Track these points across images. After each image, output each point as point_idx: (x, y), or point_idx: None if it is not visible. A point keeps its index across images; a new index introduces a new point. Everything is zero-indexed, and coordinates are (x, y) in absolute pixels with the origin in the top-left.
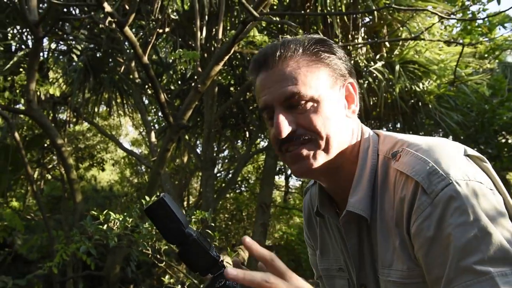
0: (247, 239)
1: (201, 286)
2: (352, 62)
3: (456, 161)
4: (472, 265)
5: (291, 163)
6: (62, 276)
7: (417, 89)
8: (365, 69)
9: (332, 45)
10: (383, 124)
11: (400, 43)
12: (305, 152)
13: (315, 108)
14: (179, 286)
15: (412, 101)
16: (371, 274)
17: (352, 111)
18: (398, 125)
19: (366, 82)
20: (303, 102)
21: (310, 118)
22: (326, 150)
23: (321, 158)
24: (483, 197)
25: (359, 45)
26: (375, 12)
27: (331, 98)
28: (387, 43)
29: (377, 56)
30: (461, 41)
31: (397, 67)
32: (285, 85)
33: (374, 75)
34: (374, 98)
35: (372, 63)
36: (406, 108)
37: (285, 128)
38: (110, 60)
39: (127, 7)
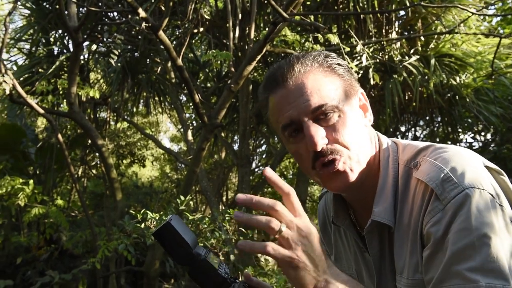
0: (268, 170)
1: None
2: (387, 57)
3: (472, 169)
4: (463, 271)
5: (328, 180)
6: (105, 271)
7: (454, 82)
8: (399, 63)
9: (339, 57)
10: (420, 118)
11: (436, 36)
12: (341, 166)
13: (342, 119)
14: None
15: (449, 94)
16: (390, 283)
17: (368, 120)
18: (439, 119)
19: (402, 77)
20: (329, 114)
21: (339, 130)
22: (358, 161)
23: (356, 171)
24: (492, 209)
25: (394, 40)
26: None
27: (351, 109)
28: (422, 37)
29: (412, 51)
30: (501, 31)
31: (433, 61)
32: (310, 97)
33: (409, 70)
34: (409, 93)
35: (406, 57)
36: (442, 102)
37: (321, 138)
38: (148, 60)
39: (163, 8)
